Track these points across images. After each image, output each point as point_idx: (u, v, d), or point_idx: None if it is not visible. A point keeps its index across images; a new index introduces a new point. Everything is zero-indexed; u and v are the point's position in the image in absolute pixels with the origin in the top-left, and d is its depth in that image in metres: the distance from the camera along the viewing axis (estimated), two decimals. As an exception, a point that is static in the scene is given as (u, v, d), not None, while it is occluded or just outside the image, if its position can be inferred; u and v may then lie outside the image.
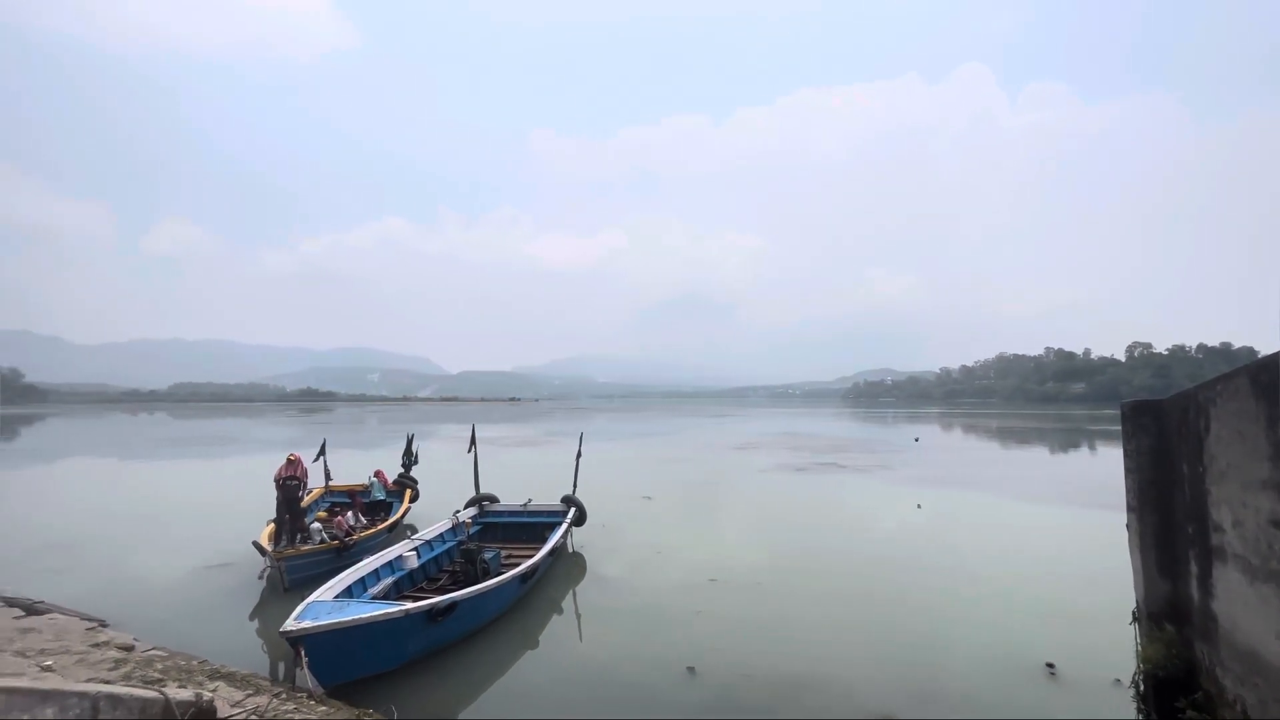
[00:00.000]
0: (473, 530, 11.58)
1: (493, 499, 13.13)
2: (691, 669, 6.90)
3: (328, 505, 13.60)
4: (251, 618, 8.88)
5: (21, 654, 5.77)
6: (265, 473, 10.67)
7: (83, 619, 7.48)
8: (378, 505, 14.66)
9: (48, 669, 5.34)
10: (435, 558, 10.41)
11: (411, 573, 9.36)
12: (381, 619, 6.34)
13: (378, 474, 15.43)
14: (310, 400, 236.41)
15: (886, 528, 14.79)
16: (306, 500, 13.17)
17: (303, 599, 6.94)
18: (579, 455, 13.90)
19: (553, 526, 11.71)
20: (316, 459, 14.30)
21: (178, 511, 16.96)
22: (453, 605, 7.07)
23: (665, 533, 13.89)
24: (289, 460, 10.97)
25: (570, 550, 12.01)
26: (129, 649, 6.29)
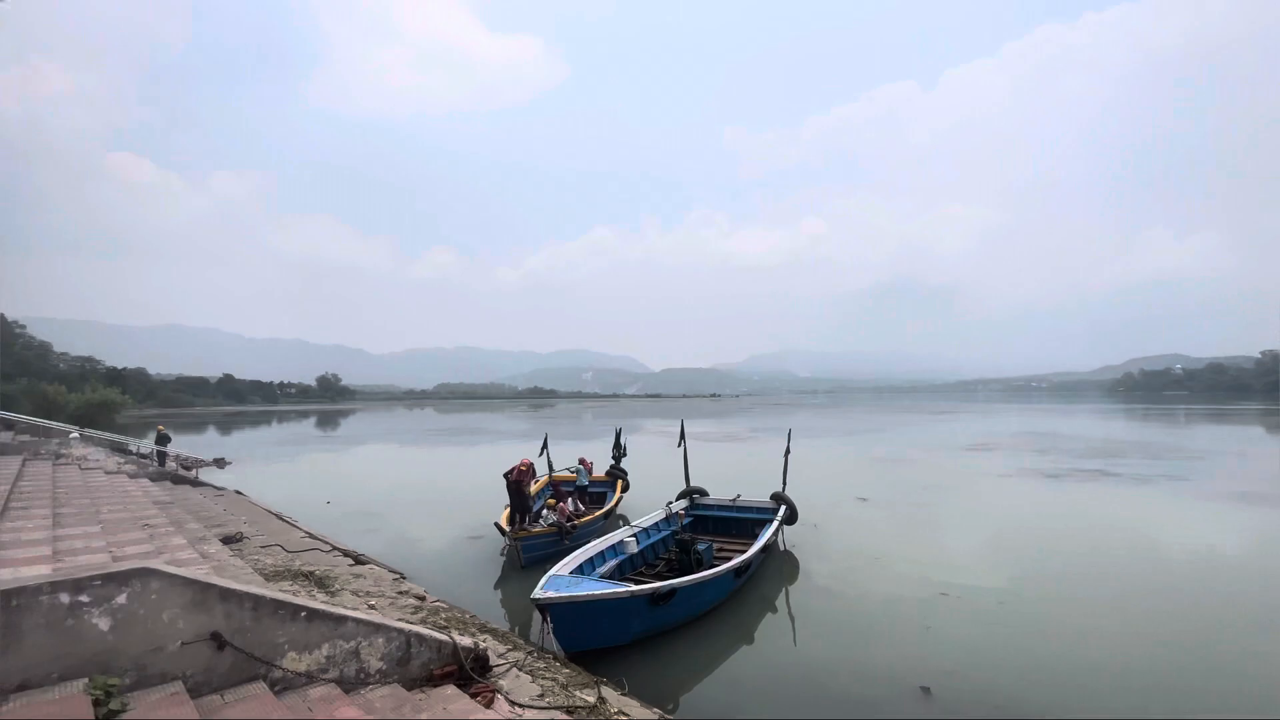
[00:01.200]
0: (685, 522, 12.00)
1: (702, 492, 13.46)
2: (926, 689, 6.29)
3: (552, 492, 15.23)
4: (496, 586, 10.32)
5: (355, 593, 7.50)
6: (505, 460, 12.31)
7: (390, 571, 9.43)
8: (592, 493, 15.97)
9: (372, 607, 6.86)
10: (652, 545, 11.02)
11: (631, 557, 10.04)
12: (611, 597, 6.90)
13: (582, 461, 16.71)
14: (536, 398, 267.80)
15: (1183, 552, 11.81)
16: (535, 488, 14.89)
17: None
18: (787, 452, 13.57)
19: (763, 523, 11.61)
20: (541, 452, 16.02)
21: (443, 489, 20.54)
22: (673, 591, 7.40)
23: (883, 538, 12.88)
24: (519, 468, 11.91)
25: (782, 549, 11.79)
26: (422, 599, 7.77)
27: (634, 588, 7.21)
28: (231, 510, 13.28)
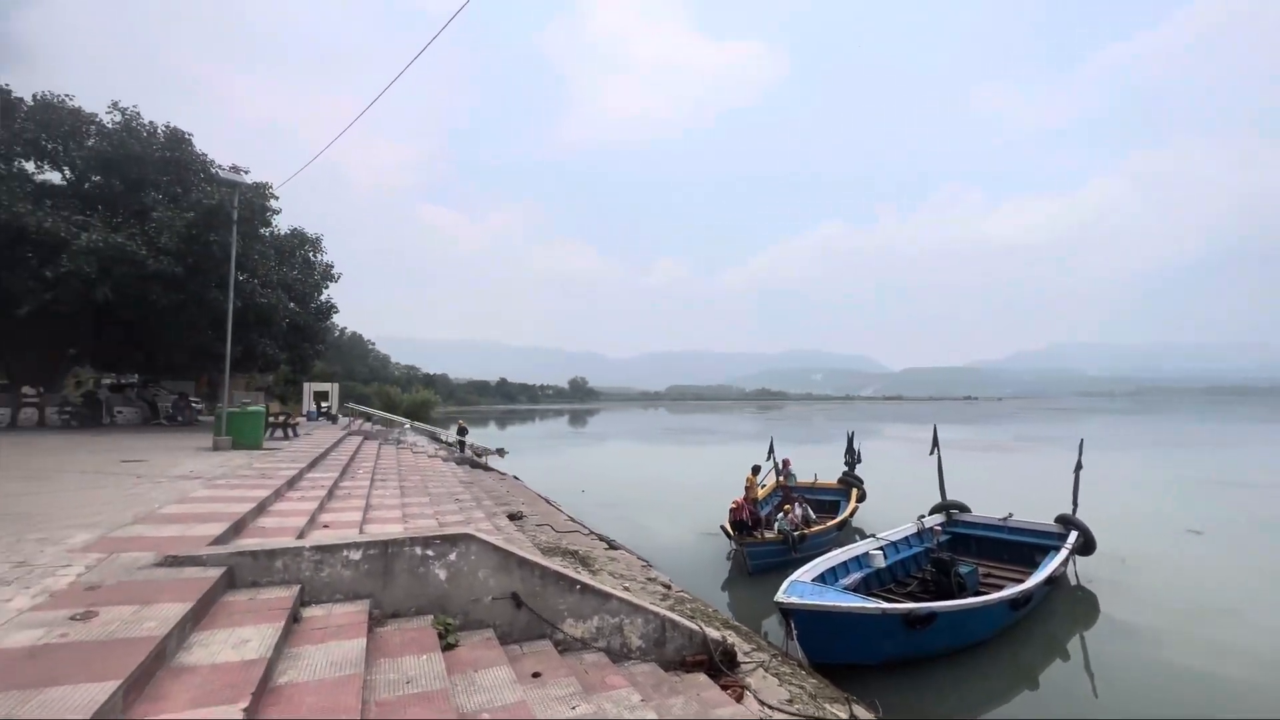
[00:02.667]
0: (941, 539, 10.74)
1: (962, 507, 11.89)
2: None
3: (782, 497, 14.70)
4: (724, 587, 10.38)
5: (611, 574, 8.32)
6: (734, 460, 12.36)
7: (638, 558, 10.23)
8: (824, 501, 15.05)
9: (627, 589, 7.52)
10: (901, 561, 10.09)
11: (878, 572, 9.31)
12: (861, 611, 6.49)
13: (784, 462, 15.58)
14: (764, 400, 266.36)
15: None
16: (763, 492, 14.46)
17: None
18: (1078, 467, 11.28)
19: (1045, 550, 9.79)
20: (768, 456, 15.56)
21: (676, 485, 21.55)
22: (932, 615, 6.67)
23: (1234, 587, 9.86)
24: (735, 505, 11.55)
25: (1073, 583, 9.80)
26: (668, 587, 8.27)
27: (886, 605, 6.67)
28: (512, 492, 15.79)
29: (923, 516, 11.43)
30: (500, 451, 32.13)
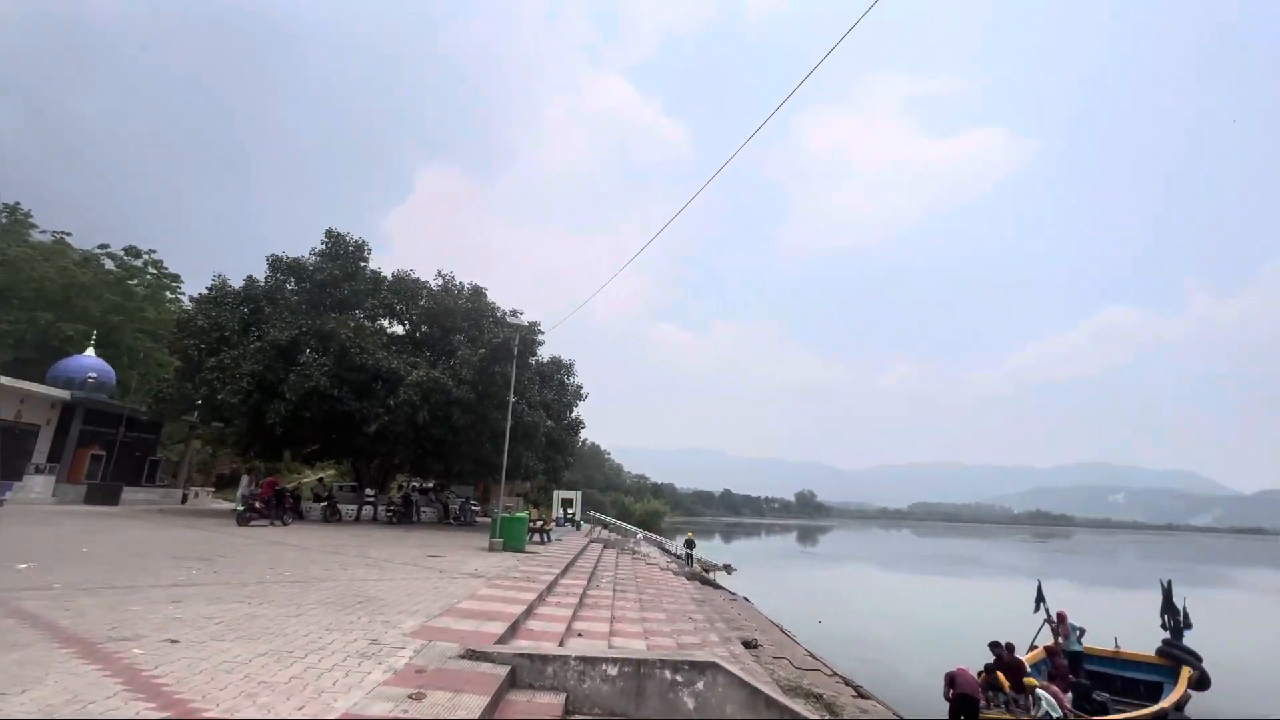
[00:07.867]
0: None
1: None
2: None
3: (1051, 667, 10.75)
4: None
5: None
6: (1003, 600, 10.05)
7: (896, 715, 8.78)
8: (1141, 682, 11.17)
9: (885, 753, 6.48)
10: None
11: None
12: None
13: (1059, 617, 11.50)
14: (1040, 524, 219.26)
15: None
16: (1030, 658, 10.63)
17: None
18: None
19: None
20: (1036, 606, 11.89)
21: (934, 627, 18.34)
22: None
23: None
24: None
25: None
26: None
27: None
28: (744, 616, 15.12)
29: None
30: (727, 568, 31.29)
